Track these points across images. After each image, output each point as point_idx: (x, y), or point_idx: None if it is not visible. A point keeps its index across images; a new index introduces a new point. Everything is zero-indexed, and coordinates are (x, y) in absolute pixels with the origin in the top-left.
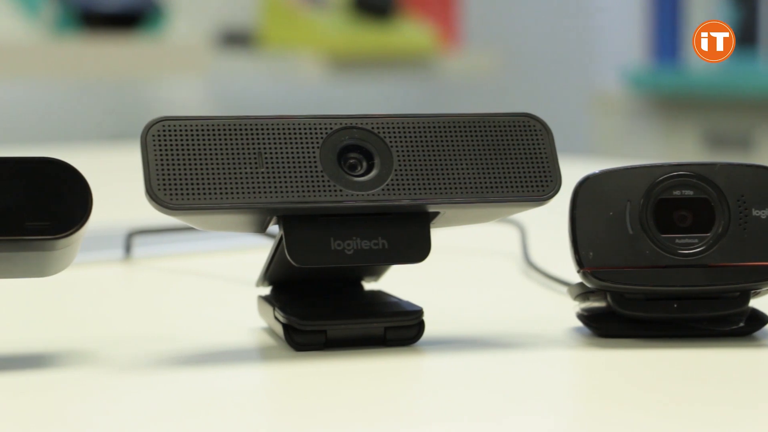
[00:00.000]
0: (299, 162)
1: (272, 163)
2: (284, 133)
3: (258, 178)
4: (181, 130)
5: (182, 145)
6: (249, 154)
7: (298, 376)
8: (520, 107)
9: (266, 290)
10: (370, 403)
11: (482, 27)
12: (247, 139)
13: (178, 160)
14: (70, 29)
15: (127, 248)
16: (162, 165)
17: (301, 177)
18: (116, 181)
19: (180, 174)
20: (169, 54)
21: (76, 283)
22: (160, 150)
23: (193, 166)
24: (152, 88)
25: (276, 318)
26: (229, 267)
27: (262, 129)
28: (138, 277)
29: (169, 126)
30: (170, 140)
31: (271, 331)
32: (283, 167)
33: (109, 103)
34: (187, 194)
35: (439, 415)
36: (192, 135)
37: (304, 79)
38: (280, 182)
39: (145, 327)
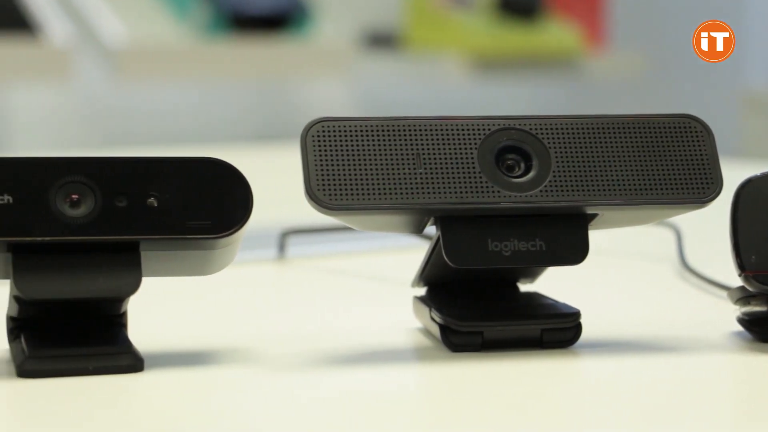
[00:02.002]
0: (457, 163)
1: (430, 164)
2: (442, 134)
3: (416, 179)
4: (340, 131)
5: (341, 145)
6: (407, 154)
7: (454, 377)
8: (667, 108)
9: (421, 291)
10: (526, 405)
11: (628, 27)
12: (406, 139)
13: (337, 160)
14: (219, 31)
15: (281, 248)
16: (321, 165)
17: (459, 178)
18: (267, 181)
19: (339, 174)
20: (314, 55)
21: (232, 282)
22: (320, 150)
23: (352, 167)
24: (298, 90)
25: (432, 319)
26: (382, 267)
27: (421, 130)
28: (292, 277)
29: (328, 126)
30: (329, 141)
31: (426, 332)
32: (441, 168)
33: (256, 104)
34: (346, 195)
35: (596, 419)
36: (351, 135)
37: (449, 81)
38: (438, 183)
39: (300, 326)
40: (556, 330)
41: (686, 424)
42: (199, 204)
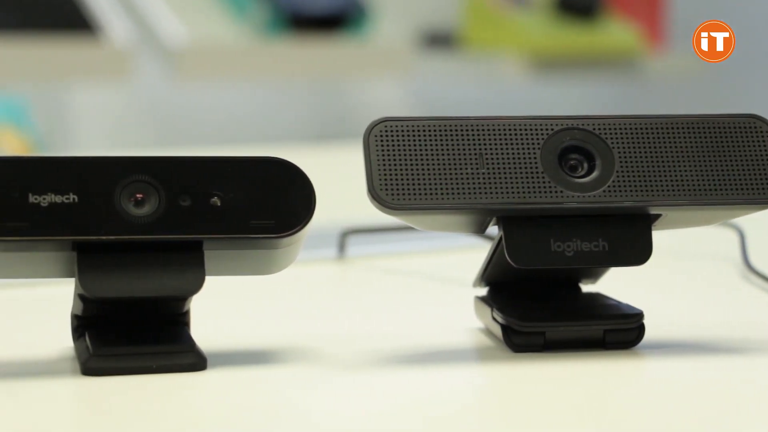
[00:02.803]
0: (520, 163)
1: (493, 164)
2: (505, 134)
3: (479, 178)
4: (402, 131)
5: (404, 145)
6: (470, 154)
7: (516, 377)
8: (727, 108)
9: (483, 291)
10: (588, 407)
11: (688, 26)
12: (468, 139)
13: (400, 160)
14: (278, 31)
15: (341, 247)
16: (384, 165)
17: (521, 178)
18: (325, 180)
19: (402, 174)
20: (372, 55)
21: (292, 281)
22: (382, 150)
23: (415, 167)
24: (355, 90)
25: (494, 319)
26: (443, 267)
27: (484, 130)
28: (352, 277)
29: (391, 126)
30: (392, 140)
31: (488, 332)
32: (504, 168)
33: (313, 104)
34: (409, 194)
35: (659, 420)
36: (413, 135)
37: (506, 81)
38: (501, 183)
39: (361, 326)
40: (619, 331)
41: (750, 428)
42: (262, 203)
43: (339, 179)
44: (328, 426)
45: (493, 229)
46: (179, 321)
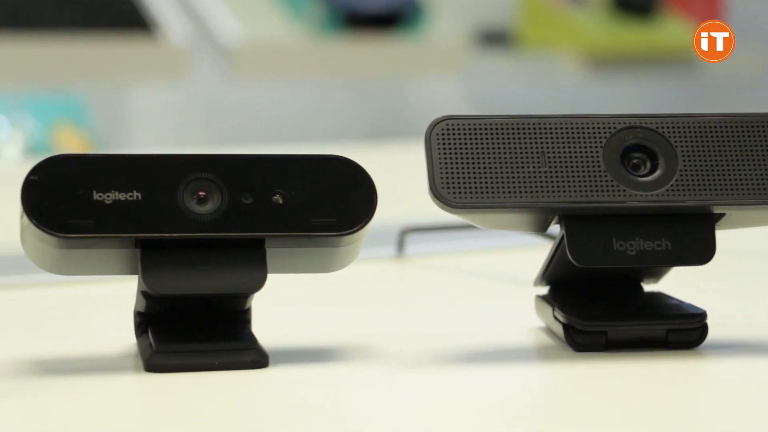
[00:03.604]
0: (582, 162)
1: (555, 162)
2: (567, 133)
3: (541, 177)
4: (464, 129)
5: (466, 143)
6: (532, 153)
7: (578, 376)
8: None
9: (544, 290)
10: (650, 406)
11: (747, 23)
12: (530, 138)
13: (462, 158)
14: (334, 30)
15: (400, 246)
16: (446, 163)
17: (584, 177)
18: (383, 178)
19: (463, 172)
20: (428, 54)
21: (352, 279)
22: (444, 148)
23: (477, 165)
24: (411, 88)
25: (555, 318)
26: (502, 266)
27: (546, 128)
28: (411, 275)
29: (452, 125)
30: (454, 139)
31: (549, 331)
32: (566, 167)
33: (369, 103)
34: (471, 193)
35: (722, 421)
36: (475, 133)
37: (563, 79)
38: (563, 182)
39: (421, 324)
40: (682, 330)
41: None
42: (324, 201)
43: (396, 177)
44: (389, 425)
45: (554, 228)
46: (241, 318)
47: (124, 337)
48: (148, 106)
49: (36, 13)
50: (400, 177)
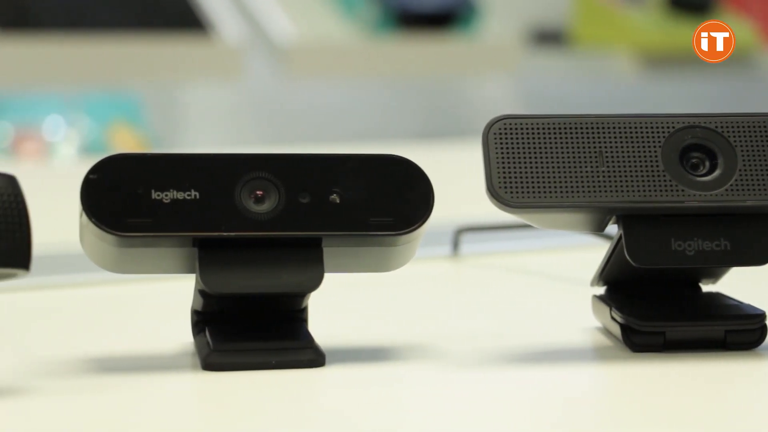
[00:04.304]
0: (640, 161)
1: (613, 162)
2: (625, 132)
3: (599, 177)
4: (522, 128)
5: (523, 143)
6: (590, 152)
7: (635, 377)
8: None
9: (601, 290)
10: (708, 408)
11: None
12: (588, 137)
13: (519, 158)
14: (387, 29)
15: (455, 245)
16: (503, 163)
17: (642, 176)
18: (439, 177)
19: (521, 172)
20: (481, 53)
21: (407, 278)
22: (502, 148)
23: (534, 165)
24: (464, 88)
25: (613, 318)
26: (558, 265)
27: (604, 128)
28: (467, 274)
29: (510, 124)
30: (511, 138)
31: (606, 331)
32: (625, 166)
33: (422, 102)
34: (528, 192)
35: None
36: (533, 133)
37: (618, 78)
38: (621, 182)
39: (477, 324)
40: (741, 331)
41: None
42: (381, 201)
43: (450, 176)
44: (444, 424)
45: (612, 228)
46: (297, 317)
47: (182, 336)
48: (202, 106)
49: (92, 14)
50: (454, 176)
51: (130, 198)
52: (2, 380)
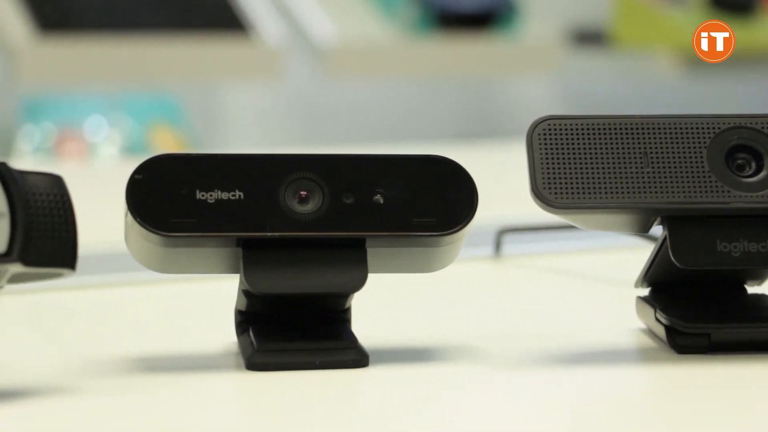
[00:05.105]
0: (686, 162)
1: (658, 162)
2: (671, 133)
3: (644, 178)
4: (566, 129)
5: (567, 143)
6: (635, 153)
7: (679, 379)
8: None
9: (645, 291)
10: (753, 410)
11: None
12: (633, 138)
13: (564, 158)
14: (427, 30)
15: (497, 246)
16: (547, 163)
17: (687, 177)
18: (480, 178)
19: (565, 173)
20: (521, 53)
21: (449, 279)
22: (546, 149)
23: (579, 165)
24: (504, 88)
25: (657, 319)
26: (600, 266)
27: (649, 128)
28: (509, 275)
29: (554, 125)
30: (556, 139)
31: (650, 333)
32: (669, 167)
33: (462, 102)
34: (573, 193)
35: None
36: (577, 134)
37: (659, 79)
38: (666, 182)
39: (520, 325)
40: None
41: None
42: (425, 201)
43: (492, 177)
44: (487, 424)
45: (656, 229)
46: (341, 317)
47: (225, 336)
48: (242, 106)
49: (134, 15)
50: (495, 176)
51: (175, 198)
52: (47, 379)
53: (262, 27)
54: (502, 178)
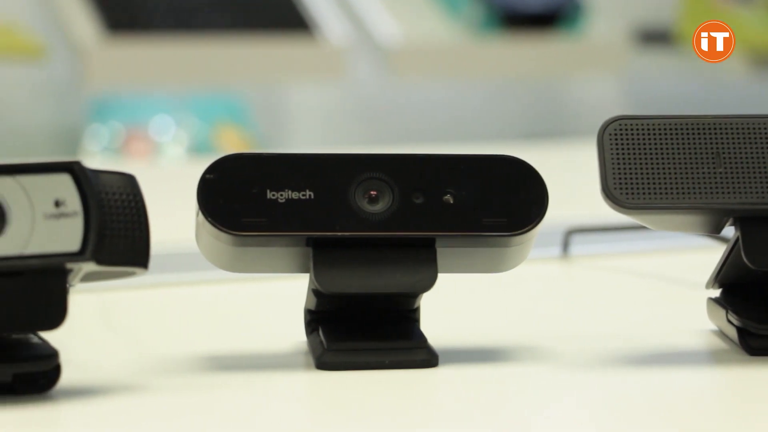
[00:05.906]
0: (759, 162)
1: (731, 163)
2: (743, 133)
3: (716, 178)
4: (637, 129)
5: (639, 144)
6: (707, 153)
7: (752, 381)
8: None
9: (716, 292)
10: None
11: None
12: (705, 138)
13: (635, 159)
14: (492, 30)
15: (565, 246)
16: (619, 164)
17: (760, 178)
18: (547, 178)
19: (637, 173)
20: (586, 53)
21: (517, 279)
22: (617, 149)
23: (650, 166)
24: (570, 88)
25: (729, 321)
26: (670, 267)
27: (721, 128)
28: (578, 276)
29: (625, 125)
30: (627, 139)
31: (722, 335)
32: (742, 167)
33: (527, 102)
34: (644, 194)
35: None
36: (648, 134)
37: (726, 79)
38: (739, 183)
39: (589, 325)
40: None
41: None
42: (495, 201)
43: (558, 177)
44: (558, 425)
45: (727, 230)
46: (410, 317)
47: (295, 335)
48: (307, 106)
49: (200, 16)
50: (563, 176)
51: (246, 197)
52: (118, 377)
53: (327, 27)
54: (567, 178)
